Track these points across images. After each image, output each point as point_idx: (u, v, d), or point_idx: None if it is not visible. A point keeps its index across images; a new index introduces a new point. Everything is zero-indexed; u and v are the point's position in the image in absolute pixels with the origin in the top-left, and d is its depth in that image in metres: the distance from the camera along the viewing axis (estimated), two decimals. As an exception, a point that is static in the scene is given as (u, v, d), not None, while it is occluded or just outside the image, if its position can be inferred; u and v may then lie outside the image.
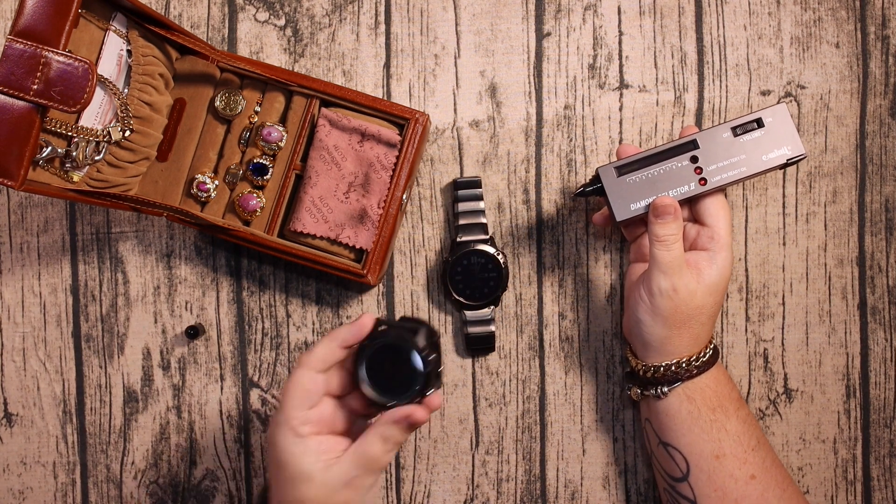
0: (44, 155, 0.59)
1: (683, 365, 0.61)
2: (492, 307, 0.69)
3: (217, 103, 0.66)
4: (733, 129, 0.61)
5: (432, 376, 0.54)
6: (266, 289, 0.71)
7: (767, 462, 0.61)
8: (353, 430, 0.57)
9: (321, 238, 0.65)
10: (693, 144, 0.61)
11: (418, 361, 0.53)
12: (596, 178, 0.62)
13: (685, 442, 0.61)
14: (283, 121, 0.67)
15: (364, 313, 0.58)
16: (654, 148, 0.62)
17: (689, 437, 0.61)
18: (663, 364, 0.62)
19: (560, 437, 0.71)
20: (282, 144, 0.66)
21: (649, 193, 0.62)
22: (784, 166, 0.61)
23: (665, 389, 0.62)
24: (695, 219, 0.63)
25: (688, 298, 0.60)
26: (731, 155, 0.61)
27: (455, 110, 0.71)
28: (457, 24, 0.71)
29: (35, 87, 0.51)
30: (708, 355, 0.62)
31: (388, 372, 0.54)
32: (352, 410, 0.56)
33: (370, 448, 0.52)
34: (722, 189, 0.62)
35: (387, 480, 0.71)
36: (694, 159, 0.61)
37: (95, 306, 0.71)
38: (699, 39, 0.70)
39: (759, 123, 0.61)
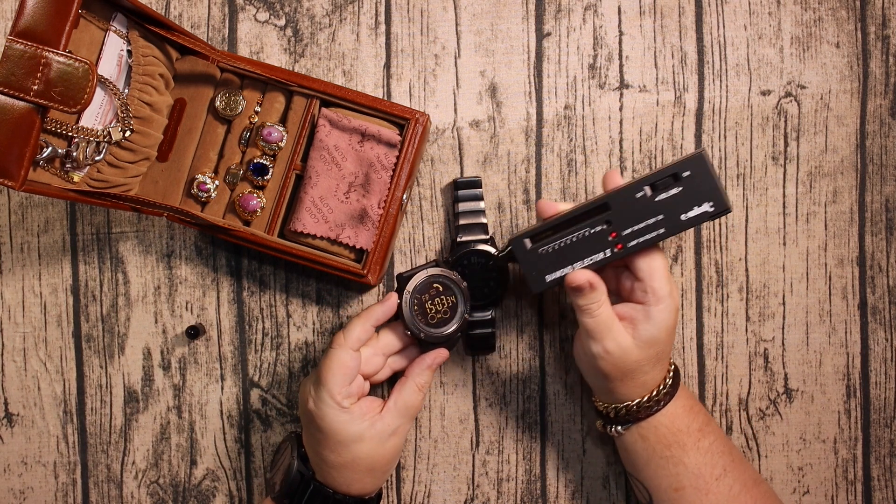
0: (44, 155, 0.59)
1: (633, 408, 0.60)
2: (492, 307, 0.69)
3: (217, 103, 0.66)
4: (650, 185, 0.55)
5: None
6: (266, 289, 0.71)
7: (735, 489, 0.60)
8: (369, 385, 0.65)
9: (321, 238, 0.65)
10: (605, 207, 0.56)
11: (460, 299, 0.63)
12: (509, 250, 0.60)
13: (644, 476, 0.62)
14: (283, 121, 0.67)
15: (390, 293, 0.63)
16: (567, 213, 0.57)
17: (646, 472, 0.62)
18: (614, 406, 0.62)
19: (560, 437, 0.71)
20: (282, 144, 0.66)
21: (564, 264, 0.58)
22: (711, 219, 0.56)
23: (619, 429, 0.62)
24: (628, 269, 0.60)
25: (623, 356, 0.58)
26: (648, 216, 0.55)
27: (455, 110, 0.71)
28: (457, 24, 0.71)
29: (35, 87, 0.51)
30: (658, 397, 0.60)
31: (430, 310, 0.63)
32: (366, 374, 0.64)
33: (410, 398, 0.61)
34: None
35: (387, 480, 0.71)
36: (608, 223, 0.56)
37: (96, 306, 0.71)
38: (699, 39, 0.70)
39: (676, 178, 0.55)
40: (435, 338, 0.63)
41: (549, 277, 0.58)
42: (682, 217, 0.55)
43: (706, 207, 0.54)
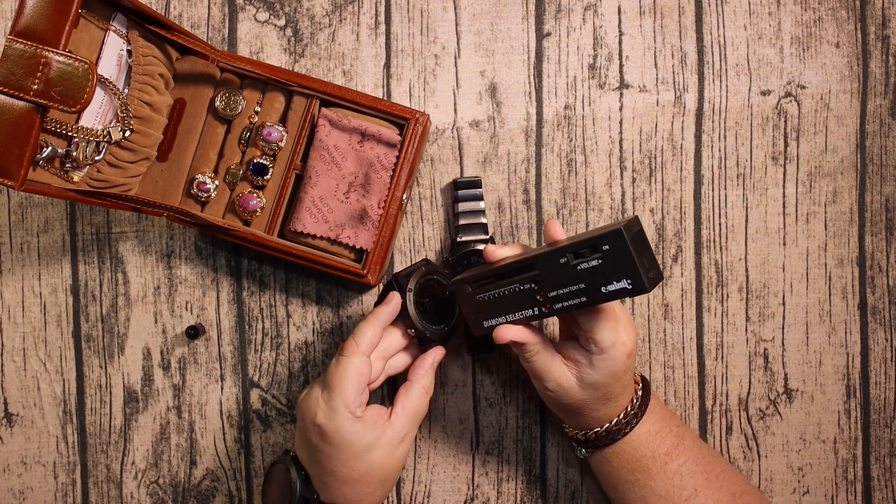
0: (44, 155, 0.59)
1: (592, 436, 0.61)
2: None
3: (217, 103, 0.66)
4: (573, 252, 0.53)
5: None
6: (266, 289, 0.71)
7: None
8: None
9: (321, 238, 0.65)
10: (531, 267, 0.55)
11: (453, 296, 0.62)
12: (452, 293, 0.60)
13: (613, 497, 0.63)
14: (283, 121, 0.67)
15: (392, 293, 0.61)
16: (501, 266, 0.57)
17: (614, 494, 0.63)
18: (575, 434, 0.62)
19: (560, 437, 0.71)
20: (282, 144, 0.66)
21: (497, 314, 0.57)
22: (631, 296, 0.51)
23: (584, 452, 0.63)
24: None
25: (565, 395, 0.58)
26: (570, 283, 0.53)
27: (455, 110, 0.71)
28: (457, 24, 0.71)
29: (35, 87, 0.51)
30: (616, 427, 0.60)
31: (429, 307, 0.62)
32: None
33: (417, 402, 0.60)
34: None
35: (387, 480, 0.71)
36: (536, 282, 0.55)
37: (96, 306, 0.71)
38: (699, 39, 0.70)
39: (596, 250, 0.51)
40: (440, 334, 0.62)
41: (486, 323, 0.58)
42: (603, 289, 0.52)
43: (624, 284, 0.51)
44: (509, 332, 0.56)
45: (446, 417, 0.71)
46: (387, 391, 0.72)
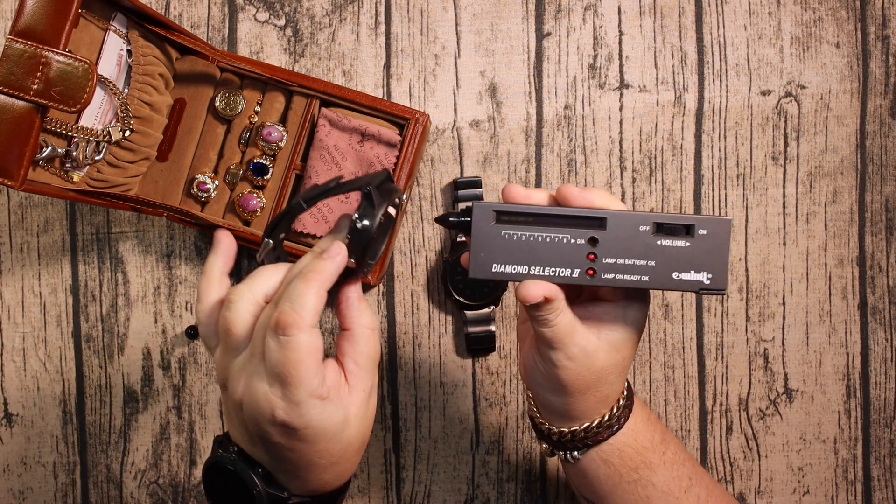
0: (44, 155, 0.59)
1: (594, 429, 0.53)
2: (492, 307, 0.69)
3: (217, 103, 0.66)
4: (657, 223, 0.48)
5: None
6: (266, 289, 0.71)
7: (703, 497, 0.55)
8: None
9: (321, 238, 0.65)
10: (600, 223, 0.48)
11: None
12: (467, 212, 0.49)
13: (609, 502, 0.55)
14: (283, 121, 0.67)
15: (333, 244, 0.46)
16: (554, 207, 0.49)
17: (612, 499, 0.55)
18: (571, 430, 0.53)
19: (560, 437, 0.71)
20: (282, 144, 0.66)
21: (521, 261, 0.48)
22: (702, 292, 0.48)
23: (576, 454, 0.54)
24: None
25: (587, 362, 0.50)
26: (639, 255, 0.48)
27: (455, 110, 0.71)
28: (457, 24, 0.71)
29: (35, 87, 0.51)
30: (618, 414, 0.53)
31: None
32: None
33: (369, 348, 0.48)
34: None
35: (387, 480, 0.71)
36: (593, 241, 0.48)
37: (95, 306, 0.71)
38: (699, 39, 0.70)
39: (689, 231, 0.47)
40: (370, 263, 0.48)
41: (496, 267, 0.48)
42: (674, 275, 0.48)
43: (703, 277, 0.47)
44: (541, 288, 0.47)
45: (446, 417, 0.71)
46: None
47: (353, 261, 0.47)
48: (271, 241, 0.49)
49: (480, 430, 0.71)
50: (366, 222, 0.46)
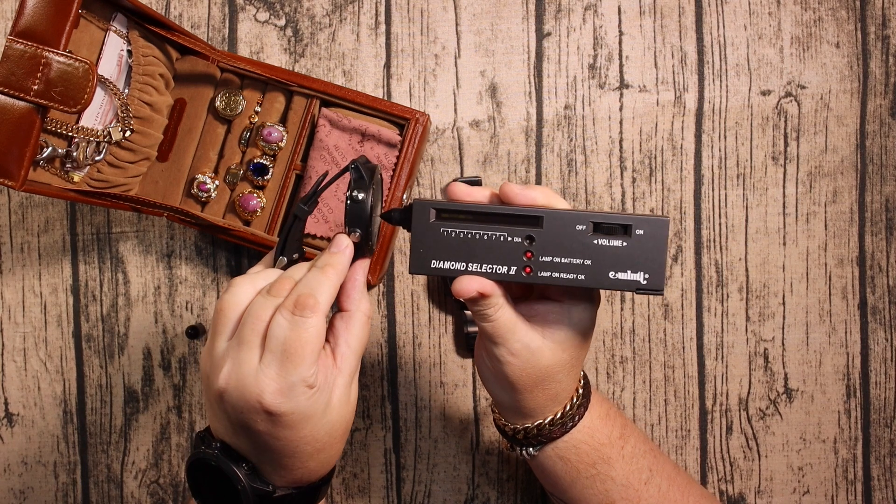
0: (44, 155, 0.59)
1: (547, 426, 0.53)
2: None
3: (217, 103, 0.66)
4: (595, 223, 0.48)
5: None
6: (266, 289, 0.71)
7: (664, 487, 0.56)
8: None
9: (321, 238, 0.65)
10: (537, 222, 0.48)
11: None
12: (409, 209, 0.50)
13: (569, 496, 0.56)
14: (283, 121, 0.67)
15: (338, 234, 0.50)
16: (493, 206, 0.49)
17: (572, 493, 0.56)
18: (524, 426, 0.54)
19: (560, 436, 0.71)
20: (282, 144, 0.66)
21: (459, 258, 0.49)
22: (637, 292, 0.49)
23: (531, 451, 0.55)
24: None
25: (532, 360, 0.50)
26: (575, 254, 0.48)
27: (455, 110, 0.71)
28: (457, 24, 0.71)
29: (35, 87, 0.51)
30: (572, 411, 0.53)
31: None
32: None
33: (363, 334, 0.49)
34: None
35: (387, 480, 0.71)
36: (530, 239, 0.48)
37: (96, 306, 0.72)
38: (699, 39, 0.70)
39: (627, 231, 0.48)
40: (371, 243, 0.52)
41: (435, 263, 0.49)
42: (610, 275, 0.48)
43: (639, 277, 0.48)
44: (474, 283, 0.48)
45: (446, 417, 0.71)
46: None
47: (358, 234, 0.50)
48: (285, 259, 0.51)
49: (480, 430, 0.71)
50: (361, 194, 0.49)
